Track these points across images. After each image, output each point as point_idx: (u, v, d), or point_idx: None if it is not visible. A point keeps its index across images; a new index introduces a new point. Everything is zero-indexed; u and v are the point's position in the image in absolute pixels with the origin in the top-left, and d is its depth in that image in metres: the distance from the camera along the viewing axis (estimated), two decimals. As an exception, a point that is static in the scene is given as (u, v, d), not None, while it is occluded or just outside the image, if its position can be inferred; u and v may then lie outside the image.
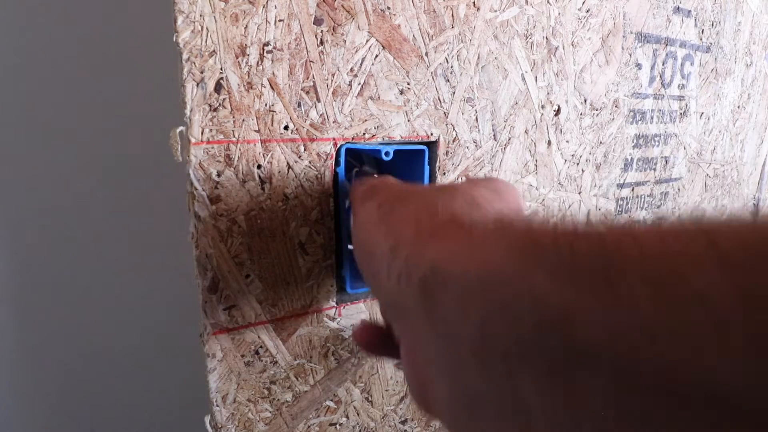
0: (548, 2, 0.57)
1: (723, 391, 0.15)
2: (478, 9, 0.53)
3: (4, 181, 0.87)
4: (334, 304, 0.52)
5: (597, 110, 0.66)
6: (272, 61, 0.43)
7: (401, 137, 0.51)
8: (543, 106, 0.61)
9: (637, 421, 0.17)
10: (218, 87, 0.41)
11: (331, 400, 0.55)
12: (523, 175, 0.61)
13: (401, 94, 0.50)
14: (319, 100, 0.46)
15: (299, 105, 0.45)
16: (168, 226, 0.88)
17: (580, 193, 0.68)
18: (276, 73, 0.43)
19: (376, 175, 0.53)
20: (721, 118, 0.84)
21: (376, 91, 0.49)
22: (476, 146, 0.57)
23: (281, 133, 0.45)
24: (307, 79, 0.45)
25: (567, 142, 0.64)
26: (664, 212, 0.80)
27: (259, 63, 0.42)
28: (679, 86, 0.75)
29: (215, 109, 0.41)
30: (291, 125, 0.45)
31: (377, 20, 0.47)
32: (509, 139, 0.59)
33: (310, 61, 0.45)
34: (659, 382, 0.16)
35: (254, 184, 0.45)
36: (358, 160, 0.59)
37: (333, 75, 0.46)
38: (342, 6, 0.45)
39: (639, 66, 0.68)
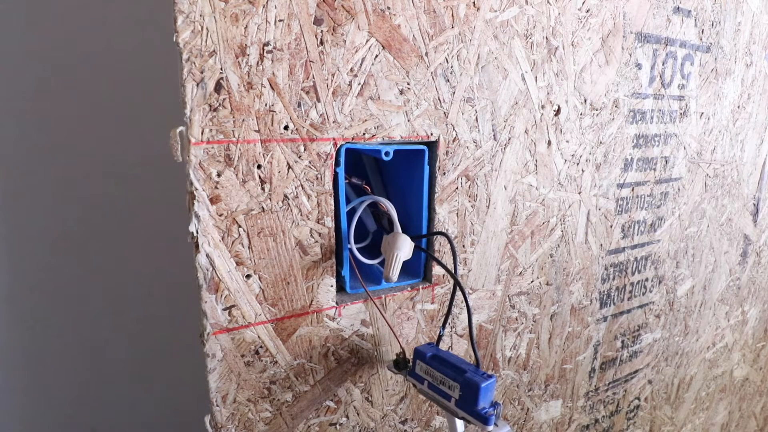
0: (548, 2, 0.57)
1: None
2: (478, 9, 0.53)
3: (5, 181, 0.87)
4: (334, 304, 0.52)
5: (597, 110, 0.66)
6: (272, 61, 0.43)
7: (401, 137, 0.51)
8: (543, 106, 0.61)
9: None
10: (218, 87, 0.41)
11: (331, 400, 0.55)
12: (523, 175, 0.61)
13: (401, 94, 0.50)
14: (319, 100, 0.46)
15: (299, 105, 0.45)
16: (168, 226, 0.88)
17: (580, 193, 0.68)
18: (276, 73, 0.43)
19: (366, 186, 0.53)
20: (721, 118, 0.84)
21: (376, 91, 0.49)
22: (476, 146, 0.57)
23: (281, 133, 0.45)
24: (307, 79, 0.45)
25: (567, 142, 0.64)
26: (664, 212, 0.80)
27: (259, 63, 0.42)
28: (679, 86, 0.75)
29: (215, 109, 0.41)
30: (291, 125, 0.45)
31: (377, 20, 0.47)
32: (509, 139, 0.59)
33: (310, 61, 0.45)
34: None
35: (254, 184, 0.45)
36: (354, 165, 0.59)
37: (333, 75, 0.46)
38: (342, 6, 0.45)
39: (639, 66, 0.68)
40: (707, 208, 0.87)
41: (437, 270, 0.58)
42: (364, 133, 0.49)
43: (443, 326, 0.54)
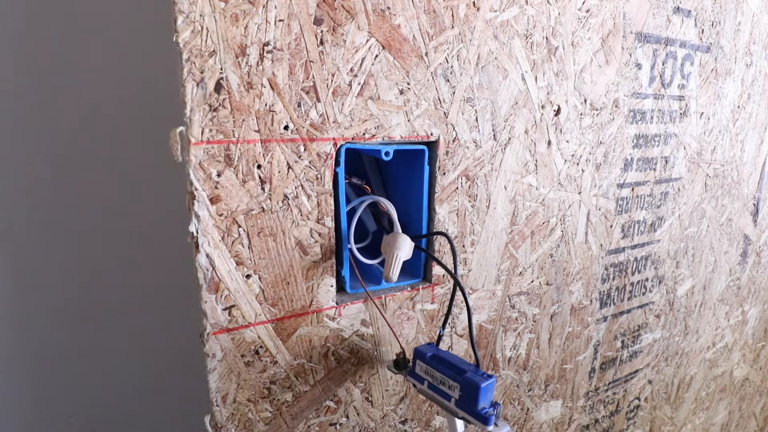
0: (548, 2, 0.57)
1: None
2: (478, 9, 0.53)
3: (5, 181, 0.87)
4: (334, 304, 0.52)
5: (597, 110, 0.66)
6: (272, 61, 0.43)
7: (401, 137, 0.51)
8: (543, 106, 0.61)
9: None
10: (218, 87, 0.41)
11: (331, 400, 0.55)
12: (523, 175, 0.61)
13: (401, 94, 0.50)
14: (319, 100, 0.46)
15: (299, 105, 0.45)
16: (168, 226, 0.88)
17: (580, 193, 0.68)
18: (276, 73, 0.43)
19: (366, 186, 0.53)
20: (721, 118, 0.84)
21: (376, 91, 0.49)
22: (476, 146, 0.57)
23: (281, 133, 0.45)
24: (307, 79, 0.45)
25: (567, 142, 0.64)
26: (664, 212, 0.80)
27: (259, 63, 0.42)
28: (679, 86, 0.75)
29: (215, 109, 0.41)
30: (291, 125, 0.45)
31: (377, 20, 0.47)
32: (509, 139, 0.59)
33: (310, 61, 0.45)
34: None
35: (254, 184, 0.45)
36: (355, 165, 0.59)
37: (333, 75, 0.46)
38: (342, 6, 0.45)
39: (639, 66, 0.68)
40: (707, 208, 0.87)
41: (437, 270, 0.58)
42: (364, 133, 0.49)
43: (443, 326, 0.54)
